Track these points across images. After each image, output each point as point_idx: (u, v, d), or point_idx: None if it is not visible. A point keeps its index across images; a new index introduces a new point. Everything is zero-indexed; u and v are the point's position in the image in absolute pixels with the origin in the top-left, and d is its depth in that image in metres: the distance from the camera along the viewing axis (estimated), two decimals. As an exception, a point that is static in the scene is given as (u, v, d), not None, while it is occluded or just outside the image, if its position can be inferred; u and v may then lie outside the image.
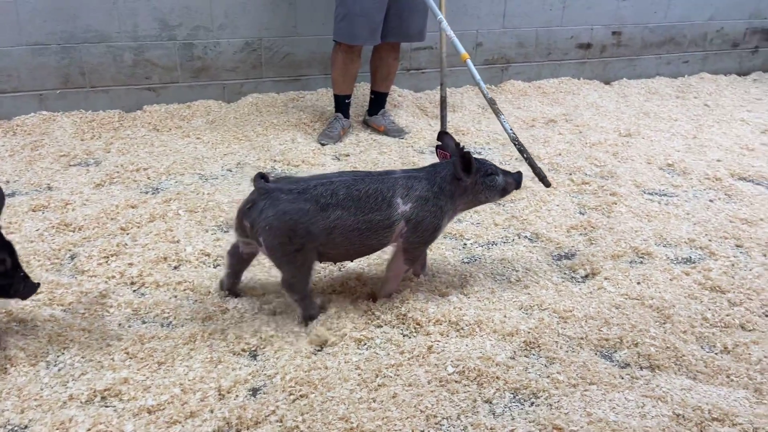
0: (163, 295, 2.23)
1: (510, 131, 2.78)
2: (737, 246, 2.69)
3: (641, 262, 2.56)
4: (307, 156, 3.40)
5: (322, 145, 3.57)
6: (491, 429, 1.70)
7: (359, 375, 1.87)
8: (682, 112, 4.39)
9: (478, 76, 3.07)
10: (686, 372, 1.95)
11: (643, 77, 5.08)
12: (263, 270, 2.36)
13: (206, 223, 2.70)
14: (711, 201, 3.10)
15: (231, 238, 2.50)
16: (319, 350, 1.98)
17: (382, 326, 2.10)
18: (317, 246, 1.99)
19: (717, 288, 2.37)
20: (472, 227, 2.77)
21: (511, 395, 1.84)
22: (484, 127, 3.96)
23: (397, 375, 1.87)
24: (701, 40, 5.16)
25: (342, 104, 3.74)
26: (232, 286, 2.22)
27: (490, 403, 1.81)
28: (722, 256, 2.59)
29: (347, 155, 3.47)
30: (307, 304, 2.08)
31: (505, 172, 2.26)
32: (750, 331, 2.15)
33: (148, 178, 3.10)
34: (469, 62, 3.09)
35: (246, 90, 4.08)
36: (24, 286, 1.88)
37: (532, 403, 1.81)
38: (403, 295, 2.24)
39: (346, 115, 3.76)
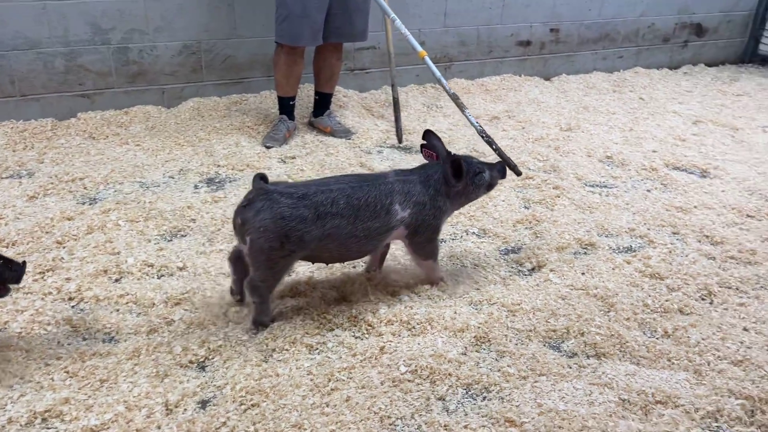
0: (104, 309, 2.15)
1: (476, 124, 2.85)
2: (674, 233, 2.80)
3: (585, 253, 2.62)
4: (252, 160, 3.34)
5: (267, 148, 3.52)
6: (445, 426, 1.71)
7: (311, 380, 1.84)
8: (618, 105, 4.54)
9: (438, 73, 3.14)
10: (630, 358, 2.01)
11: (581, 72, 5.22)
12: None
13: (148, 233, 2.62)
14: (648, 191, 3.21)
15: (230, 245, 2.44)
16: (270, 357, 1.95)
17: (333, 329, 2.09)
18: (304, 253, 2.00)
19: (656, 275, 2.45)
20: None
21: (464, 391, 1.86)
22: (429, 125, 3.98)
23: (350, 378, 1.86)
24: (634, 35, 5.34)
25: (286, 106, 3.69)
26: (242, 292, 2.15)
27: (444, 400, 1.82)
28: (660, 243, 2.69)
29: (293, 158, 3.43)
30: (264, 309, 2.06)
31: (490, 166, 2.31)
32: (688, 314, 2.24)
33: (85, 188, 2.99)
34: (427, 59, 3.17)
35: (186, 94, 3.99)
36: (10, 271, 1.82)
37: (485, 398, 1.83)
38: (355, 297, 2.23)
39: (291, 117, 3.71)
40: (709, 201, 3.09)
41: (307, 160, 3.40)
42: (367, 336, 2.07)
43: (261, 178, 1.97)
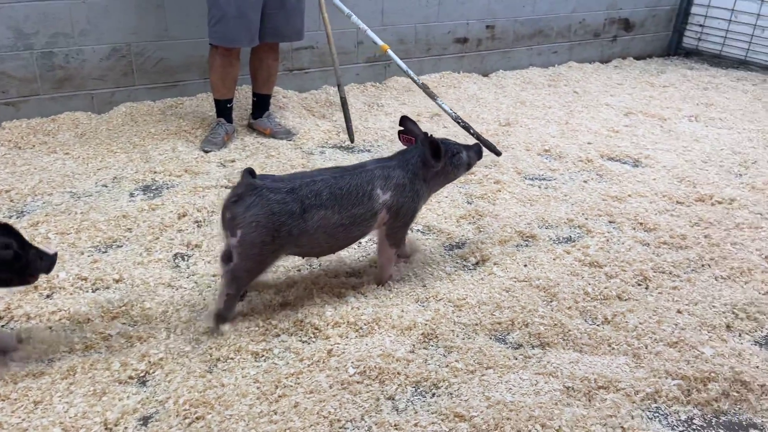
0: (36, 327, 2.04)
1: (450, 111, 2.88)
2: (610, 222, 2.89)
3: (527, 245, 2.67)
4: (190, 165, 3.25)
5: (206, 152, 3.43)
6: (395, 426, 1.71)
7: (258, 388, 1.81)
8: (554, 99, 4.65)
9: (404, 65, 3.16)
10: (573, 346, 2.06)
11: (518, 68, 5.33)
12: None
13: (81, 245, 2.51)
14: (585, 182, 3.31)
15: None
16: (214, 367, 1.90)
17: (279, 335, 2.05)
18: (293, 247, 2.05)
19: (595, 263, 2.53)
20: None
21: (413, 389, 1.86)
22: (372, 124, 3.98)
23: (298, 383, 1.83)
24: (566, 31, 5.49)
25: (224, 109, 3.61)
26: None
27: (393, 399, 1.81)
28: (598, 232, 2.77)
29: (233, 161, 3.36)
30: (232, 304, 2.06)
31: (467, 148, 2.40)
32: (626, 300, 2.31)
33: (11, 200, 2.84)
34: (390, 52, 3.21)
35: (117, 99, 3.84)
36: (42, 261, 1.82)
37: (434, 394, 1.84)
38: (300, 301, 2.20)
39: (229, 120, 3.64)
40: (642, 189, 3.20)
41: (248, 163, 3.33)
42: (314, 340, 2.04)
43: (249, 173, 1.98)
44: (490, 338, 2.10)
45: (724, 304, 2.27)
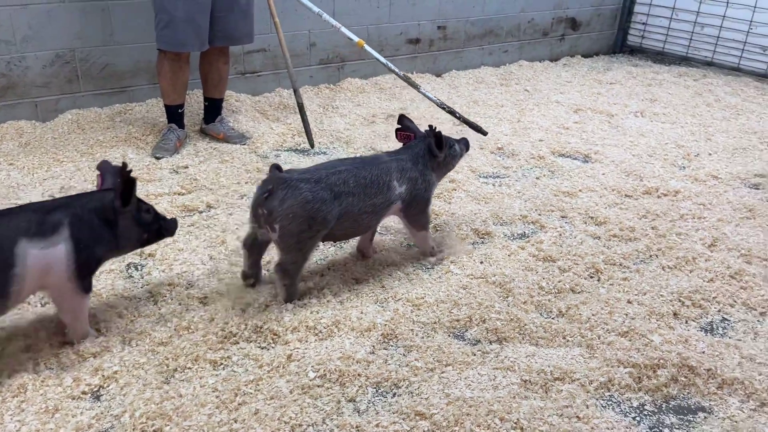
0: (-18, 346, 1.97)
1: (435, 99, 2.98)
2: (562, 217, 2.96)
3: (482, 243, 2.72)
4: (141, 172, 3.18)
5: (158, 158, 3.37)
6: (357, 427, 1.72)
7: (217, 397, 1.79)
8: (506, 98, 4.74)
9: (383, 59, 3.28)
10: (529, 339, 2.11)
11: (470, 68, 5.40)
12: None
13: (28, 258, 2.42)
14: (537, 178, 3.38)
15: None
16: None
17: (238, 342, 2.03)
18: (326, 232, 2.16)
19: (549, 258, 2.59)
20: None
21: (374, 390, 1.87)
22: (327, 126, 3.98)
23: (258, 390, 1.82)
24: (516, 30, 5.60)
25: (175, 114, 3.55)
26: (256, 275, 2.28)
27: (354, 401, 1.82)
28: (551, 227, 2.84)
29: (186, 167, 3.31)
30: (294, 289, 2.20)
31: (457, 141, 2.60)
32: (579, 293, 2.38)
33: (-48, 214, 2.72)
34: (367, 47, 3.28)
35: (63, 107, 3.73)
36: (168, 224, 2.09)
37: (395, 394, 1.86)
38: (258, 306, 2.19)
39: (181, 126, 3.58)
40: (592, 184, 3.29)
41: (201, 168, 3.29)
42: (273, 345, 2.03)
43: (277, 168, 2.08)
44: (449, 336, 2.12)
45: (671, 293, 2.36)
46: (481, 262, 2.55)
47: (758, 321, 2.25)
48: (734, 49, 5.51)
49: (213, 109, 3.71)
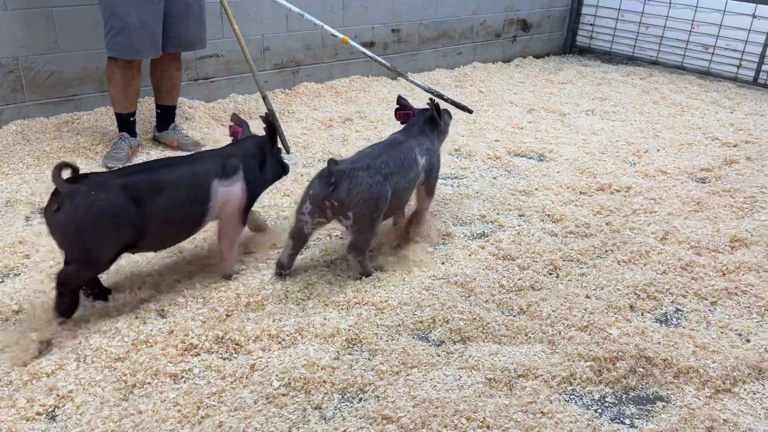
0: (-76, 370, 1.87)
1: (422, 84, 3.31)
2: (520, 215, 3.01)
3: (443, 243, 2.74)
4: (92, 183, 3.08)
5: (110, 168, 3.27)
6: (324, 434, 1.70)
7: (179, 411, 1.74)
8: (461, 99, 4.75)
9: (368, 51, 3.45)
10: (492, 338, 2.13)
11: (425, 70, 5.44)
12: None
13: (-27, 276, 2.32)
14: (494, 178, 3.42)
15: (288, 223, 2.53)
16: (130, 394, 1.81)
17: (199, 354, 1.99)
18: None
19: (508, 256, 2.62)
20: (282, 234, 2.74)
21: (340, 396, 1.85)
22: (284, 130, 3.93)
23: (221, 402, 1.78)
24: (469, 32, 5.67)
25: (127, 123, 3.46)
26: (291, 266, 2.43)
27: (320, 408, 1.80)
28: (509, 226, 2.88)
29: (139, 177, 3.22)
30: (366, 263, 2.43)
31: (444, 112, 2.83)
32: (539, 290, 2.42)
33: None
34: (352, 41, 3.44)
35: (6, 117, 3.59)
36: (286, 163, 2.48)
37: (361, 399, 1.85)
38: (218, 316, 2.15)
39: (133, 134, 3.48)
40: (548, 182, 3.36)
41: (155, 177, 3.20)
42: (235, 356, 1.99)
43: (334, 162, 2.24)
44: (413, 337, 2.13)
45: (627, 286, 2.42)
46: (443, 263, 2.56)
47: (709, 310, 2.33)
48: (678, 48, 5.72)
49: (166, 116, 3.63)
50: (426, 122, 2.67)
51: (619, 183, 3.35)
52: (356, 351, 2.05)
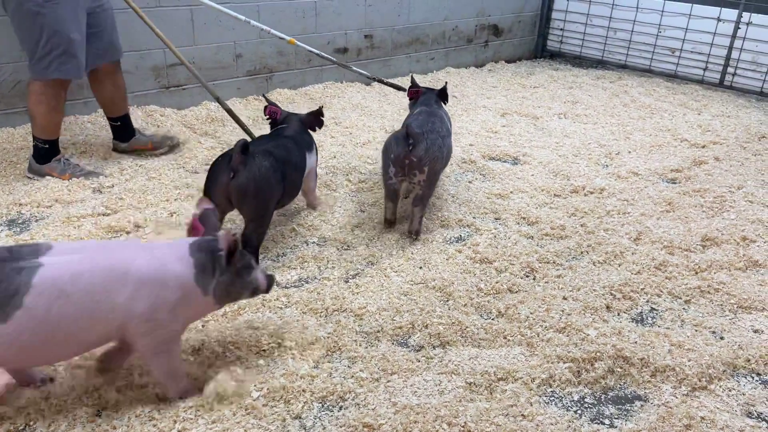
0: None
1: (365, 73, 3.72)
2: (496, 219, 3.02)
3: (421, 247, 2.73)
4: (61, 193, 3.01)
5: (92, 182, 3.16)
6: (304, 445, 1.68)
7: (155, 426, 1.70)
8: (435, 104, 4.80)
9: (315, 50, 3.69)
10: (471, 342, 2.13)
11: (399, 75, 5.44)
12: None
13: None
14: (470, 182, 3.44)
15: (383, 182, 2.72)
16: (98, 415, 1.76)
17: (174, 366, 1.95)
18: None
19: (485, 260, 2.63)
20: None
21: (320, 405, 1.83)
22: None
23: (198, 415, 1.75)
24: (441, 38, 5.70)
25: (55, 149, 3.19)
26: (395, 220, 2.85)
27: (300, 418, 1.78)
28: (485, 230, 2.89)
29: (111, 186, 3.15)
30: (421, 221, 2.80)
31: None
32: (516, 293, 2.43)
33: None
34: (298, 42, 3.65)
35: (-29, 127, 3.50)
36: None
37: (341, 407, 1.83)
38: (194, 326, 2.11)
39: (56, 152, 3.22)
40: (522, 185, 3.38)
41: (127, 187, 3.14)
42: (213, 366, 1.95)
43: (410, 126, 2.63)
44: (393, 343, 2.12)
45: (603, 287, 2.45)
46: (420, 268, 2.56)
47: (684, 309, 2.37)
48: (645, 52, 5.83)
49: (127, 125, 3.53)
50: (438, 97, 3.14)
51: (593, 185, 3.39)
52: (335, 359, 2.03)
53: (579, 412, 1.87)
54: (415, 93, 3.20)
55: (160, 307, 1.61)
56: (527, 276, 2.55)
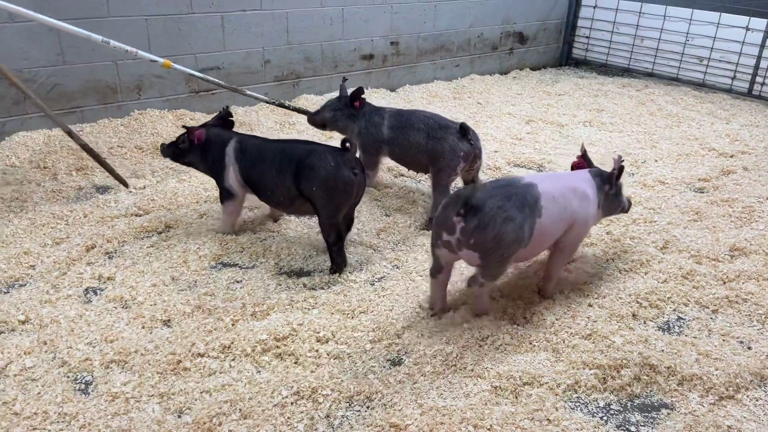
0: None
1: (263, 97, 3.33)
2: (521, 225, 3.03)
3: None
4: (92, 194, 3.09)
5: None
6: (332, 443, 1.71)
7: (191, 418, 1.75)
8: (460, 111, 4.83)
9: (197, 73, 3.24)
10: (496, 346, 2.14)
11: (423, 82, 5.49)
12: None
13: (-21, 287, 2.33)
14: (495, 188, 3.45)
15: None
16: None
17: (206, 363, 1.99)
18: None
19: (514, 266, 2.63)
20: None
21: (347, 404, 1.86)
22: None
23: (233, 410, 1.79)
24: (467, 45, 5.73)
25: None
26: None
27: (328, 417, 1.81)
28: (511, 236, 2.90)
29: (143, 188, 3.23)
30: None
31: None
32: (541, 299, 2.43)
33: None
34: (175, 65, 3.14)
35: (9, 129, 3.61)
36: None
37: (368, 407, 1.86)
38: (225, 325, 2.16)
39: None
40: (548, 193, 3.38)
41: (158, 188, 3.21)
42: (244, 364, 2.00)
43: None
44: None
45: (629, 295, 2.44)
46: (462, 272, 2.57)
47: (711, 318, 2.35)
48: (673, 60, 5.79)
49: None
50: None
51: (619, 193, 3.38)
52: (362, 360, 2.05)
53: (605, 418, 1.88)
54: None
55: (588, 213, 2.34)
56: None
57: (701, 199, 3.35)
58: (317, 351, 2.06)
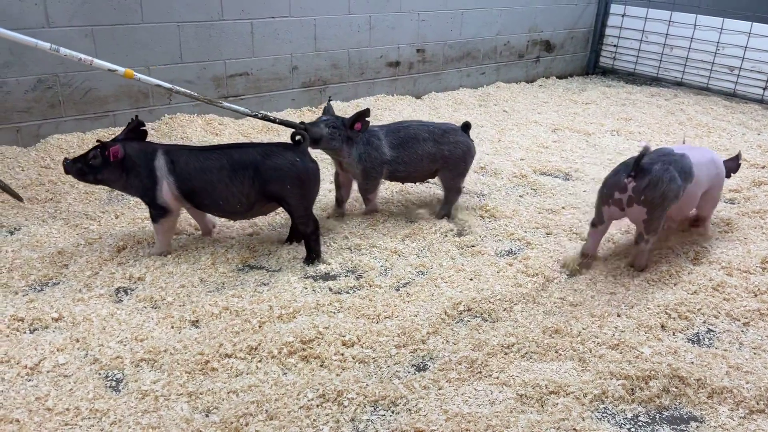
0: (-31, 375, 1.92)
1: (244, 110, 2.95)
2: (547, 234, 3.01)
3: (471, 260, 2.75)
4: (121, 194, 3.15)
5: None
6: (357, 446, 1.71)
7: (218, 417, 1.77)
8: (485, 118, 4.83)
9: (164, 84, 2.93)
10: (522, 354, 2.13)
11: (449, 90, 5.50)
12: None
13: (14, 285, 2.39)
14: (521, 196, 3.44)
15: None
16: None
17: (233, 364, 2.02)
18: None
19: (537, 273, 2.63)
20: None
21: (372, 408, 1.87)
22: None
23: (259, 411, 1.81)
24: (493, 53, 5.73)
25: None
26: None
27: (353, 420, 1.82)
28: (537, 244, 2.89)
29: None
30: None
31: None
32: (567, 308, 2.41)
33: (-68, 242, 2.67)
34: (138, 75, 2.84)
35: (44, 132, 3.70)
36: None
37: (393, 412, 1.86)
38: (252, 327, 2.18)
39: None
40: (574, 201, 3.36)
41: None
42: (270, 366, 2.02)
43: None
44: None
45: (658, 306, 2.41)
46: (471, 279, 2.58)
47: (742, 331, 2.31)
48: (703, 70, 5.71)
49: None
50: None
51: (647, 203, 3.34)
52: (386, 364, 2.06)
53: (633, 430, 1.85)
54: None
55: (721, 180, 2.88)
56: (578, 292, 2.53)
57: (732, 210, 3.30)
58: (342, 354, 2.07)
